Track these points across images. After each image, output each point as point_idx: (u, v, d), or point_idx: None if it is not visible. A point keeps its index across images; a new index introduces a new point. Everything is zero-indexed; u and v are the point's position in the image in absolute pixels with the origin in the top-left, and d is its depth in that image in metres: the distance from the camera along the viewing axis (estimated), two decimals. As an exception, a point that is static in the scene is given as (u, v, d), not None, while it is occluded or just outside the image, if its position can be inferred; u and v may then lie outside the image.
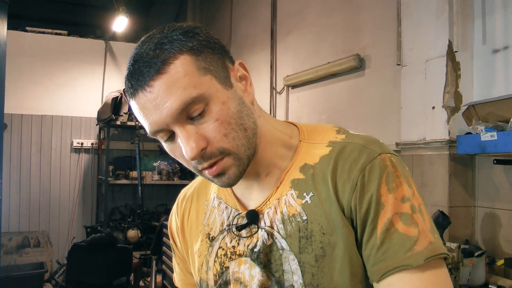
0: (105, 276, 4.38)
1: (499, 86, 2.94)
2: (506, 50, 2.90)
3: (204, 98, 0.91)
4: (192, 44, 0.92)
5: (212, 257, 1.11)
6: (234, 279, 1.06)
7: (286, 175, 1.03)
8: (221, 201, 1.13)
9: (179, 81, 0.89)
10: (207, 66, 0.93)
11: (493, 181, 2.97)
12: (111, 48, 6.99)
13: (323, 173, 0.98)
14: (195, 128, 0.92)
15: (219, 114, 0.92)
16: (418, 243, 0.88)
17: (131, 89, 0.93)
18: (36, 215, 6.53)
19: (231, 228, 1.08)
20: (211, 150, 0.93)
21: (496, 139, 2.62)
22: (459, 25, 3.07)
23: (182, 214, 1.23)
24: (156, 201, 6.99)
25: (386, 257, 0.89)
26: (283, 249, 0.99)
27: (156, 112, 0.90)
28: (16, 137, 6.47)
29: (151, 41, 0.93)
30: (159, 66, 0.89)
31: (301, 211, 0.99)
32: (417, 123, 3.26)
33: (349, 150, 0.98)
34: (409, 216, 0.91)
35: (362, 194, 0.93)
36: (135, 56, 0.93)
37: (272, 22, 5.60)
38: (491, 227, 2.98)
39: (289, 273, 0.98)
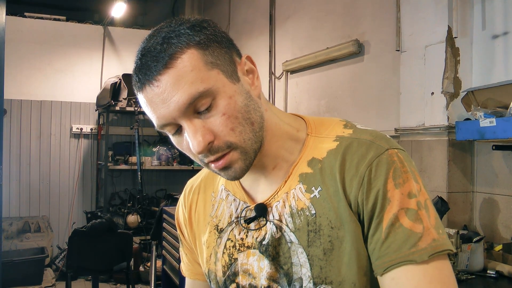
0: (106, 261, 4.40)
1: (498, 72, 2.94)
2: (505, 35, 2.90)
3: (211, 92, 0.91)
4: (199, 38, 0.93)
5: (220, 248, 1.12)
6: (243, 270, 1.07)
7: (294, 168, 1.04)
8: (229, 193, 1.14)
9: (186, 75, 0.90)
10: (214, 61, 0.93)
11: (492, 166, 2.98)
12: (110, 33, 6.96)
13: (331, 168, 0.99)
14: (202, 122, 0.93)
15: (226, 108, 0.93)
16: (422, 239, 0.89)
17: (138, 83, 0.93)
18: (36, 200, 6.55)
19: (239, 220, 1.10)
20: (218, 144, 0.94)
21: (495, 125, 2.63)
22: (459, 11, 3.06)
23: (190, 205, 1.24)
24: (156, 186, 7.01)
25: (390, 251, 0.91)
26: (292, 242, 1.00)
27: (163, 106, 0.91)
28: (15, 122, 6.48)
29: (159, 35, 0.93)
30: (166, 61, 0.90)
31: (310, 205, 1.00)
32: (416, 109, 3.26)
33: (356, 145, 0.98)
34: (414, 212, 0.92)
35: (369, 189, 0.94)
36: (142, 50, 0.94)
37: (271, 7, 5.58)
38: (489, 212, 2.99)
39: (297, 266, 0.99)
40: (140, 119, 6.55)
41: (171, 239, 4.45)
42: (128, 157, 6.54)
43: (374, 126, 3.87)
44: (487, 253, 2.84)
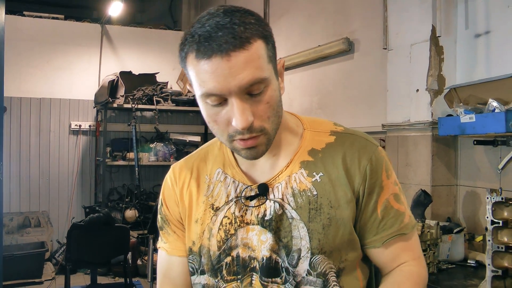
0: (103, 254, 4.48)
1: (480, 70, 3.04)
2: (487, 34, 3.00)
3: (267, 81, 1.05)
4: (265, 33, 1.07)
5: (216, 225, 1.24)
6: (243, 244, 1.20)
7: (295, 156, 1.22)
8: (227, 176, 1.27)
9: (255, 60, 1.02)
10: (271, 55, 1.08)
11: (474, 161, 3.08)
12: (107, 31, 7.02)
13: (332, 158, 1.20)
14: (249, 103, 1.05)
15: (270, 98, 1.08)
16: (405, 216, 1.22)
17: (207, 50, 1.01)
18: (36, 196, 6.61)
19: (240, 199, 1.23)
20: (255, 126, 1.07)
21: (474, 121, 2.73)
22: (443, 10, 3.15)
23: (182, 184, 1.33)
24: (153, 181, 7.07)
25: (386, 227, 1.20)
26: (293, 218, 1.17)
27: (226, 79, 1.01)
28: (15, 120, 6.52)
29: (231, 17, 1.03)
30: (243, 41, 1.01)
31: (312, 187, 1.19)
32: (402, 105, 3.36)
33: (354, 141, 1.22)
34: (398, 196, 1.23)
35: (370, 180, 1.18)
36: (218, 25, 1.01)
37: (265, 5, 5.66)
38: (472, 205, 3.10)
39: (297, 239, 1.16)
40: (137, 116, 6.64)
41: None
42: (126, 153, 6.57)
43: (363, 121, 3.99)
44: (468, 244, 2.95)
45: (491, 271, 2.27)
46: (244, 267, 1.20)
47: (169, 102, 6.66)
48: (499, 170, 2.88)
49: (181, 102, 6.76)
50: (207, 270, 1.25)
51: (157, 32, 7.42)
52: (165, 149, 6.72)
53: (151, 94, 6.53)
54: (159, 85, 6.71)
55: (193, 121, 7.44)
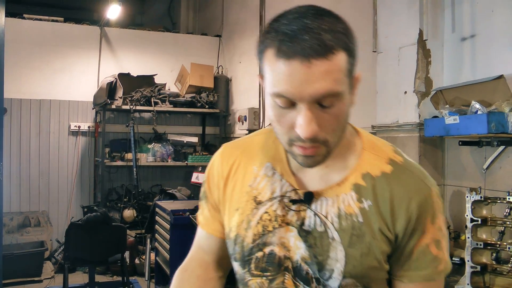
0: (101, 253, 4.56)
1: (466, 72, 3.10)
2: (473, 38, 3.07)
3: (340, 95, 1.01)
4: (351, 45, 1.03)
5: (255, 218, 1.22)
6: (280, 243, 1.19)
7: (349, 177, 1.17)
8: (275, 172, 1.24)
9: (334, 72, 0.98)
10: (350, 69, 1.04)
11: (460, 161, 3.14)
12: (106, 34, 7.09)
13: (383, 190, 1.15)
14: (318, 114, 1.01)
15: (339, 113, 1.04)
16: (441, 263, 1.17)
17: (289, 51, 0.97)
18: (36, 196, 6.68)
19: (283, 199, 1.21)
20: (319, 137, 1.04)
21: (458, 122, 2.81)
22: (431, 14, 3.22)
23: (230, 168, 1.31)
24: (151, 182, 7.14)
25: (418, 269, 1.16)
26: (334, 239, 1.14)
27: (300, 85, 0.98)
28: (15, 121, 6.59)
29: (321, 21, 0.99)
30: (327, 50, 0.97)
31: (358, 213, 1.14)
32: (390, 107, 3.43)
33: (409, 178, 1.16)
34: (439, 242, 1.17)
35: (414, 224, 1.14)
36: (305, 27, 0.97)
37: (261, 8, 5.74)
38: (458, 204, 3.16)
39: (333, 260, 1.14)
40: (135, 117, 6.72)
41: (163, 232, 4.64)
42: (125, 154, 6.65)
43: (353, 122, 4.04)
44: (454, 242, 3.02)
45: (470, 267, 2.35)
46: (278, 265, 1.20)
47: (167, 104, 6.74)
48: (484, 170, 2.94)
49: (178, 103, 6.84)
50: (238, 259, 1.26)
51: (155, 34, 7.49)
52: (163, 150, 6.79)
53: (149, 96, 6.61)
54: (157, 87, 6.79)
55: (191, 122, 7.51)
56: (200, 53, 7.43)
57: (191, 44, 7.57)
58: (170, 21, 9.09)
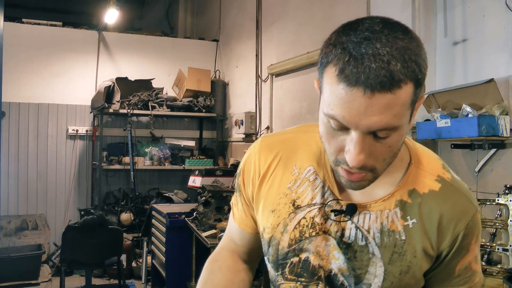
0: (97, 255, 4.58)
1: (458, 76, 3.14)
2: (464, 42, 3.10)
3: (397, 128, 0.95)
4: (420, 76, 0.93)
5: (293, 223, 1.19)
6: (316, 251, 1.17)
7: (394, 192, 1.13)
8: (317, 177, 1.19)
9: (395, 106, 0.91)
10: (415, 100, 0.96)
11: (453, 164, 3.16)
12: (104, 38, 7.11)
13: (430, 209, 1.11)
14: (370, 143, 0.96)
15: (393, 144, 0.98)
16: (478, 276, 1.20)
17: (352, 78, 0.90)
18: (34, 199, 6.70)
19: (324, 207, 1.16)
20: (367, 165, 0.99)
21: (449, 126, 2.84)
22: (423, 18, 3.26)
23: (269, 165, 1.25)
24: (148, 185, 7.15)
25: (459, 284, 1.18)
26: (374, 255, 1.11)
27: (357, 115, 0.92)
28: (14, 124, 6.61)
29: (393, 44, 0.90)
30: (393, 83, 0.89)
31: (402, 231, 1.11)
32: (384, 111, 3.46)
33: (458, 199, 1.13)
34: (477, 256, 1.19)
35: (460, 244, 1.13)
36: (375, 53, 0.89)
37: (258, 12, 5.78)
38: (450, 206, 3.19)
39: (372, 275, 1.12)
40: (133, 121, 6.75)
41: (159, 235, 4.67)
42: (122, 158, 6.67)
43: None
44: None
45: (460, 268, 2.37)
46: (312, 273, 1.18)
47: (164, 108, 6.77)
48: (476, 172, 2.97)
49: (176, 107, 6.87)
50: (271, 261, 1.24)
51: (153, 38, 7.52)
52: (160, 154, 6.81)
53: (146, 100, 6.64)
54: (155, 91, 6.82)
55: (188, 126, 7.54)
56: (197, 58, 7.47)
57: (189, 49, 7.60)
58: (168, 25, 9.13)
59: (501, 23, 2.83)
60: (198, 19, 8.61)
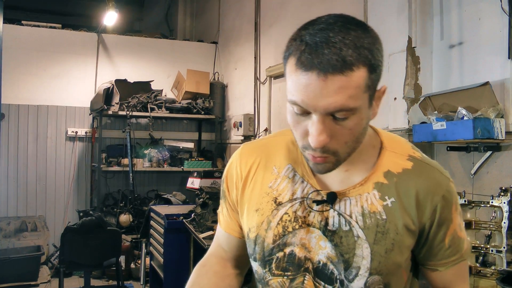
0: (96, 256, 4.59)
1: (455, 79, 3.16)
2: (460, 45, 3.13)
3: (355, 110, 1.02)
4: (374, 61, 1.01)
5: (275, 219, 1.24)
6: (301, 244, 1.21)
7: (370, 176, 1.20)
8: (296, 174, 1.26)
9: (349, 89, 0.98)
10: (371, 85, 1.03)
11: (449, 166, 3.18)
12: (103, 40, 7.13)
13: (406, 187, 1.18)
14: (330, 125, 1.03)
15: (354, 126, 1.05)
16: (465, 243, 1.27)
17: (307, 63, 0.98)
18: (33, 200, 6.72)
19: (306, 200, 1.22)
20: (330, 147, 1.06)
21: (445, 128, 2.86)
22: (420, 22, 3.27)
23: (248, 171, 1.33)
24: (147, 187, 7.17)
25: (451, 254, 1.23)
26: (359, 237, 1.17)
27: (314, 97, 0.99)
28: (13, 126, 6.63)
29: (345, 35, 0.99)
30: (345, 66, 0.97)
31: (382, 211, 1.17)
32: (381, 113, 3.41)
33: (430, 172, 1.21)
34: (461, 224, 1.25)
35: (441, 215, 1.19)
36: (328, 40, 0.98)
37: (256, 14, 5.80)
38: (447, 208, 3.20)
39: (359, 257, 1.17)
40: (132, 122, 6.77)
41: (157, 236, 4.68)
42: (121, 159, 6.69)
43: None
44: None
45: (454, 270, 2.39)
46: (298, 266, 1.22)
47: (163, 110, 6.79)
48: (472, 175, 2.99)
49: (175, 109, 6.89)
50: (258, 259, 1.28)
51: (152, 40, 7.54)
52: (159, 155, 6.83)
53: (145, 102, 6.66)
54: (154, 93, 6.84)
55: (187, 128, 7.56)
56: (196, 60, 7.49)
57: (188, 51, 7.63)
58: (168, 27, 9.16)
59: (496, 26, 2.85)
60: (197, 22, 8.64)
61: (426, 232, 1.20)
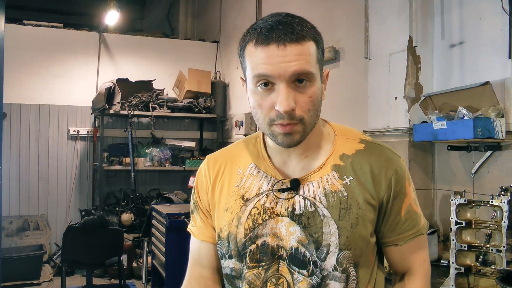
0: (98, 255, 4.61)
1: (455, 78, 3.16)
2: (461, 45, 3.13)
3: (312, 77, 1.18)
4: (318, 37, 1.22)
5: (245, 214, 1.33)
6: (272, 233, 1.30)
7: (328, 160, 1.33)
8: (259, 170, 1.37)
9: (306, 55, 1.16)
10: (320, 58, 1.22)
11: (449, 165, 3.19)
12: (105, 39, 7.15)
13: (361, 165, 1.31)
14: (293, 93, 1.17)
15: (312, 94, 1.20)
16: (421, 218, 1.38)
17: (266, 39, 1.16)
18: (35, 199, 6.74)
19: (272, 191, 1.33)
20: (296, 114, 1.18)
21: (445, 128, 2.86)
22: (421, 21, 3.28)
23: (215, 175, 1.43)
24: (149, 186, 7.20)
25: (409, 228, 1.34)
26: (325, 216, 1.27)
27: (277, 64, 1.14)
28: (15, 126, 6.65)
29: (292, 18, 1.19)
30: (299, 37, 1.15)
31: (342, 189, 1.29)
32: (382, 112, 3.49)
33: (381, 151, 1.34)
34: (416, 200, 1.37)
35: (395, 188, 1.31)
36: (279, 21, 1.17)
37: (258, 14, 5.81)
38: (448, 208, 3.19)
39: (328, 235, 1.26)
40: (133, 122, 6.79)
41: (159, 235, 4.69)
42: (123, 158, 6.71)
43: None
44: (443, 245, 3.07)
45: (454, 269, 2.41)
46: (272, 254, 1.29)
47: (164, 109, 6.80)
48: (472, 174, 2.99)
49: (176, 108, 6.91)
50: (234, 255, 1.34)
51: (153, 40, 7.56)
52: (160, 154, 6.85)
53: (147, 101, 6.67)
54: (155, 92, 6.85)
55: (188, 127, 7.58)
56: (198, 59, 7.50)
57: (189, 50, 7.64)
58: (169, 27, 9.16)
59: (497, 26, 2.85)
60: (199, 21, 8.64)
61: (385, 206, 1.31)
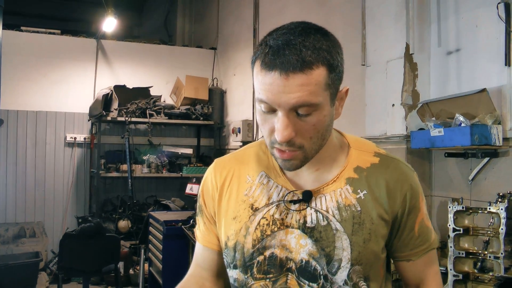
0: (95, 263, 4.59)
1: (452, 85, 3.17)
2: (458, 52, 3.14)
3: (317, 106, 1.11)
4: (333, 61, 1.11)
5: (253, 224, 1.29)
6: (281, 245, 1.26)
7: (341, 173, 1.29)
8: (270, 180, 1.33)
9: (310, 85, 1.08)
10: (331, 83, 1.13)
11: (447, 172, 3.20)
12: (103, 46, 7.15)
13: (376, 179, 1.28)
14: (294, 120, 1.12)
15: (317, 122, 1.14)
16: (433, 233, 1.36)
17: (270, 64, 1.08)
18: (32, 206, 6.71)
19: (283, 202, 1.29)
20: (295, 142, 1.14)
21: (443, 134, 2.87)
22: (418, 29, 3.29)
23: (223, 182, 1.39)
24: (146, 193, 7.17)
25: (421, 243, 1.33)
26: (337, 230, 1.24)
27: (278, 94, 1.09)
28: (12, 132, 6.64)
29: (305, 38, 1.10)
30: (305, 65, 1.07)
31: (356, 203, 1.26)
32: (379, 119, 3.49)
33: (397, 165, 1.31)
34: (427, 214, 1.36)
35: (410, 203, 1.29)
36: (288, 42, 1.09)
37: (255, 21, 5.81)
38: (445, 214, 3.19)
39: (340, 249, 1.23)
40: (130, 128, 6.78)
41: (156, 242, 4.68)
42: (120, 165, 6.70)
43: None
44: (441, 252, 3.06)
45: (452, 276, 2.41)
46: (280, 266, 1.26)
47: (162, 115, 6.80)
48: (469, 181, 3.00)
49: (173, 115, 6.90)
50: (239, 266, 1.31)
51: (151, 46, 7.56)
52: (158, 161, 6.84)
53: (144, 108, 6.67)
54: (153, 99, 6.85)
55: (186, 134, 7.57)
56: (195, 66, 7.51)
57: (187, 57, 7.65)
58: (167, 33, 9.17)
59: (493, 33, 2.86)
60: (196, 27, 8.65)
61: (399, 221, 1.29)
